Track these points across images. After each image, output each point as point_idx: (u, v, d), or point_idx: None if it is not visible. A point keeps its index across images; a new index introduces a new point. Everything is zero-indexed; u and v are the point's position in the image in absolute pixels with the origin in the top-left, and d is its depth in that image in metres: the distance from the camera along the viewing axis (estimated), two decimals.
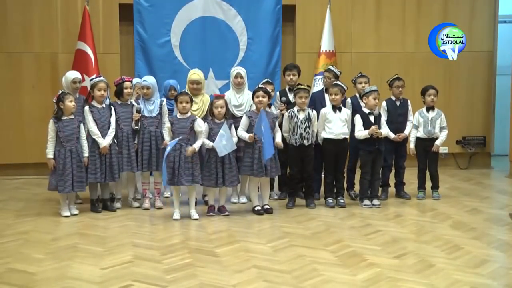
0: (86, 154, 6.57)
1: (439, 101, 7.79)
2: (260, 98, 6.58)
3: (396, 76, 7.41)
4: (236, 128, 6.62)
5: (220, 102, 6.53)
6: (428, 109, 7.34)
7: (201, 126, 6.43)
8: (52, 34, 8.86)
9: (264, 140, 6.36)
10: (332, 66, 7.81)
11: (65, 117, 6.46)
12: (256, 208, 6.69)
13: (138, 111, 6.76)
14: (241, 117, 6.80)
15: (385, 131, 6.96)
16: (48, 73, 8.82)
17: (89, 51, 8.40)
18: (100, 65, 8.47)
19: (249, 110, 6.86)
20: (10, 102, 8.80)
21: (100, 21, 8.89)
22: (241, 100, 7.01)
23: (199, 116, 6.65)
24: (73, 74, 7.01)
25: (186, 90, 6.76)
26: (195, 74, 6.99)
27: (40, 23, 8.82)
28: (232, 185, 6.67)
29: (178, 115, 6.45)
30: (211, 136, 6.45)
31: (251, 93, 6.90)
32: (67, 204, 6.62)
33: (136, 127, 6.76)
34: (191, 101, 6.51)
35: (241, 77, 7.04)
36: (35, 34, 8.83)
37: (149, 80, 6.90)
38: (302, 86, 6.84)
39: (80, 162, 6.51)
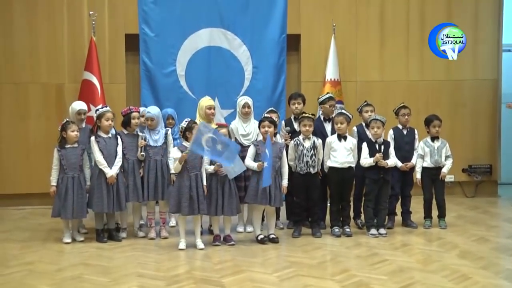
0: (88, 182, 6.67)
1: (445, 128, 7.81)
2: (266, 128, 6.59)
3: (402, 104, 7.44)
4: (242, 158, 6.63)
5: (223, 130, 6.57)
6: (433, 139, 7.34)
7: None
8: (58, 64, 8.92)
9: (267, 168, 6.35)
10: (330, 92, 7.89)
11: (68, 146, 6.55)
12: (259, 237, 6.66)
13: (144, 139, 6.78)
14: (248, 146, 6.81)
15: (392, 160, 6.96)
16: (54, 103, 8.86)
17: (95, 81, 8.43)
18: (106, 95, 8.51)
19: (256, 139, 6.87)
20: (16, 132, 8.83)
21: (107, 51, 8.97)
22: (248, 130, 7.04)
23: None
24: (79, 106, 7.07)
25: (194, 120, 6.76)
26: (210, 99, 7.18)
27: (46, 53, 8.90)
28: (232, 214, 6.61)
29: (187, 144, 6.42)
30: (213, 164, 6.45)
31: (257, 122, 6.93)
32: (70, 231, 6.69)
33: (143, 154, 6.76)
34: None
35: (249, 107, 7.08)
36: (41, 64, 8.90)
37: (153, 111, 6.93)
38: (306, 115, 6.87)
39: (81, 189, 6.58)
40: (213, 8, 8.91)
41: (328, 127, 7.24)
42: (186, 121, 6.49)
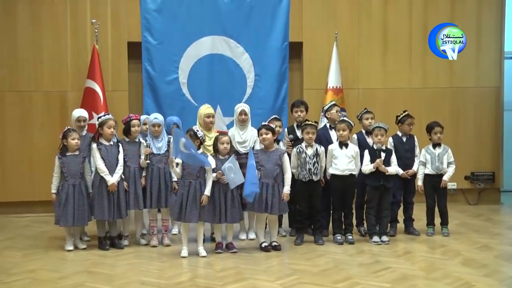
0: (89, 190, 6.67)
1: (447, 136, 7.81)
2: (264, 136, 6.60)
3: (407, 113, 7.42)
4: (240, 165, 6.61)
5: (225, 138, 6.56)
6: (434, 146, 7.34)
7: (211, 163, 6.43)
8: (61, 72, 8.97)
9: (246, 178, 6.33)
10: (333, 101, 7.91)
11: (70, 153, 6.57)
12: (263, 245, 6.65)
13: (148, 147, 6.78)
14: (244, 153, 6.81)
15: (394, 168, 6.95)
16: (57, 111, 8.90)
17: (98, 89, 8.45)
18: (108, 103, 8.54)
19: (253, 147, 6.87)
20: (20, 139, 8.87)
21: (109, 59, 9.00)
22: (244, 137, 7.04)
23: (210, 152, 6.67)
24: (78, 113, 7.09)
25: (193, 128, 6.76)
26: (210, 107, 7.15)
27: (49, 61, 8.94)
28: (234, 221, 6.59)
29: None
30: (214, 172, 6.45)
31: (254, 130, 6.96)
32: (72, 238, 6.70)
33: (148, 161, 6.77)
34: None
35: (245, 114, 7.09)
36: (44, 72, 8.94)
37: (159, 118, 6.96)
38: (309, 122, 6.87)
39: (82, 197, 6.59)
40: (215, 16, 8.93)
41: (334, 135, 7.23)
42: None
